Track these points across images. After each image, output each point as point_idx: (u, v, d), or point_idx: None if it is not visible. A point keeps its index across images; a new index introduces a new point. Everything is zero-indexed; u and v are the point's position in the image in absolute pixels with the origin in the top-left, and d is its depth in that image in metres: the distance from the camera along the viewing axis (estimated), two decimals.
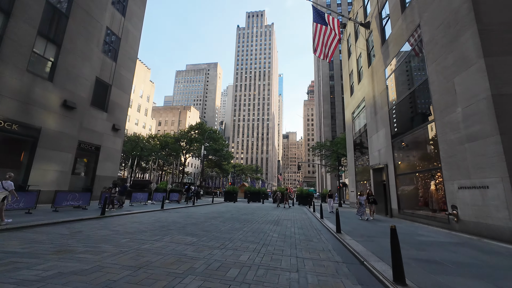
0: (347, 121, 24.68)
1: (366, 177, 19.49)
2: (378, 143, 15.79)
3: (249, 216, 12.03)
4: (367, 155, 18.28)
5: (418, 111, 11.68)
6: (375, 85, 16.48)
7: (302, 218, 12.55)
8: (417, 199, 11.55)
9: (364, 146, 19.81)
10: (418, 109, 11.68)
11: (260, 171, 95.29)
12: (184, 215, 11.03)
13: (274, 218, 11.84)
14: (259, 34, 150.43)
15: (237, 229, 7.78)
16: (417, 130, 11.30)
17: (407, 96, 12.32)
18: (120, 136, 18.56)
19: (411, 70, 12.17)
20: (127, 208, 13.02)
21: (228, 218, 10.56)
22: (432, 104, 9.77)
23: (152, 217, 9.81)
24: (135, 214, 10.85)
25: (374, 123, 16.64)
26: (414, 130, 11.56)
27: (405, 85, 12.71)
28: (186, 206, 16.73)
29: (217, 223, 8.95)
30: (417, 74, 11.56)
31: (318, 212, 15.41)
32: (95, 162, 16.38)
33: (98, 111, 16.45)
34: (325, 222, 10.49)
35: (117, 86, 18.17)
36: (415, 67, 11.84)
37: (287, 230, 8.17)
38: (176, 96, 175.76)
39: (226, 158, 47.68)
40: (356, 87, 21.27)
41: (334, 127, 66.44)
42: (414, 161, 11.82)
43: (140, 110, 68.17)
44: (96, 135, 16.16)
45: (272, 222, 10.16)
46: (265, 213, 13.90)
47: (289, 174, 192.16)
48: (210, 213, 12.77)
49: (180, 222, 8.63)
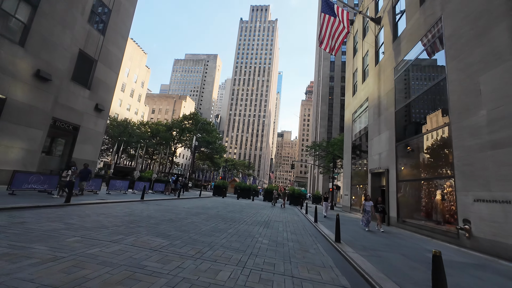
0: (347, 121, 23.77)
1: (362, 181, 18.66)
2: (380, 146, 14.89)
3: (236, 214, 10.92)
4: (366, 158, 17.41)
5: (428, 113, 10.73)
6: (381, 84, 15.51)
7: (294, 220, 11.53)
8: (419, 208, 10.69)
9: (363, 148, 18.94)
10: (428, 112, 10.74)
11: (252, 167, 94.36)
12: (163, 209, 9.82)
13: (264, 218, 10.77)
14: (262, 29, 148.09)
15: (221, 230, 6.65)
16: (426, 134, 10.38)
17: (417, 97, 11.37)
18: (103, 117, 17.04)
19: (425, 69, 11.19)
20: (102, 196, 11.69)
21: (213, 216, 9.41)
22: (448, 106, 8.80)
23: (125, 209, 8.56)
24: (107, 203, 9.56)
25: (376, 124, 15.72)
26: (422, 134, 10.63)
27: (416, 85, 11.75)
28: (170, 198, 15.48)
29: (199, 221, 7.78)
30: (431, 73, 10.58)
31: (311, 214, 14.44)
32: (72, 143, 14.88)
33: (79, 88, 14.90)
34: (320, 227, 9.48)
35: (103, 63, 16.59)
36: (429, 65, 10.87)
37: (278, 234, 7.09)
38: (173, 85, 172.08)
39: (218, 151, 46.34)
40: (360, 86, 20.30)
41: (330, 129, 65.88)
42: (420, 167, 10.92)
43: (133, 95, 65.77)
44: (74, 114, 14.63)
45: (262, 223, 9.08)
46: (254, 212, 12.82)
47: (281, 173, 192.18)
48: (194, 208, 11.59)
49: (156, 218, 7.42)
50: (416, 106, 11.54)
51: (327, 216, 13.29)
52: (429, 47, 10.74)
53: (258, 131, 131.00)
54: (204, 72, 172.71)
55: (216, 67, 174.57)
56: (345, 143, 23.94)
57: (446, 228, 8.65)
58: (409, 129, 12.06)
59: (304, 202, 23.70)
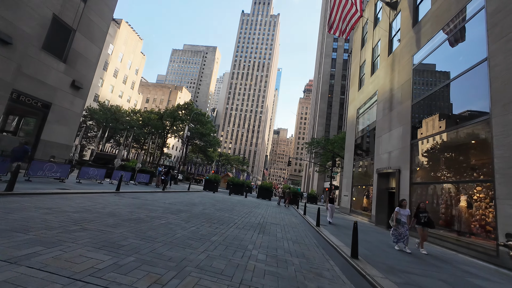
0: (350, 118, 22.28)
1: (366, 182, 17.25)
2: (389, 144, 13.42)
3: (226, 213, 9.27)
4: (372, 157, 15.95)
5: (457, 105, 9.23)
6: (395, 75, 13.97)
7: (293, 223, 9.96)
8: (438, 216, 9.25)
9: (368, 146, 17.48)
10: (457, 104, 9.23)
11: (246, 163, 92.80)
12: (137, 204, 8.10)
13: (259, 219, 9.16)
14: (263, 23, 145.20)
15: (202, 237, 4.99)
16: (452, 130, 8.88)
17: (443, 88, 9.83)
18: (82, 96, 15.06)
19: (454, 54, 9.64)
20: (67, 185, 9.88)
21: (197, 215, 7.74)
22: (489, 96, 7.28)
23: (86, 203, 6.81)
24: (67, 194, 7.78)
25: (386, 120, 14.22)
26: (447, 130, 9.13)
27: (440, 74, 10.21)
28: (153, 191, 13.73)
29: (176, 222, 6.11)
30: (462, 59, 9.04)
31: (310, 216, 12.93)
32: (41, 123, 12.91)
33: (52, 59, 12.89)
34: (324, 233, 7.92)
35: (83, 34, 14.54)
36: (460, 49, 9.32)
37: (277, 245, 5.48)
38: (169, 76, 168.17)
39: (212, 144, 44.46)
40: (368, 79, 18.76)
41: (328, 128, 64.65)
42: (441, 168, 9.44)
43: (127, 82, 63.03)
44: (45, 88, 12.65)
45: (256, 226, 7.46)
46: (247, 211, 11.21)
47: (275, 170, 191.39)
48: (177, 203, 9.89)
49: (119, 216, 5.72)
50: (440, 98, 10.02)
51: (332, 222, 10.97)
52: (460, 30, 9.18)
53: (254, 127, 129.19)
54: (202, 64, 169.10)
55: (215, 60, 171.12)
56: (347, 141, 22.48)
57: (476, 241, 7.20)
58: (429, 125, 10.56)
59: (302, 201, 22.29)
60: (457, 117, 8.98)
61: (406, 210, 7.13)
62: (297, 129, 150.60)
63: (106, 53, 54.09)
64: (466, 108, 8.64)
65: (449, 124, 9.26)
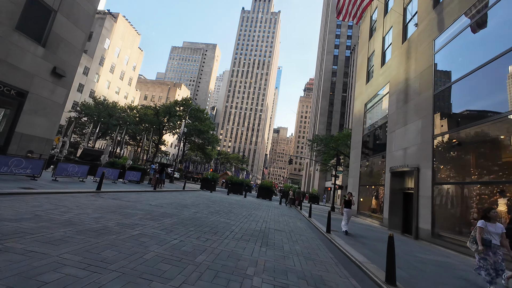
0: (357, 113, 20.91)
1: (375, 181, 15.93)
2: (405, 140, 12.07)
3: (221, 217, 7.91)
4: (383, 154, 14.62)
5: (492, 93, 7.87)
6: (411, 64, 12.61)
7: (299, 228, 8.62)
8: (468, 221, 7.91)
9: (378, 143, 16.13)
10: (492, 91, 7.86)
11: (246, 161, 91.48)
12: (114, 206, 6.73)
13: (260, 225, 7.81)
14: (263, 21, 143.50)
15: (184, 257, 3.63)
16: (489, 121, 7.53)
17: (475, 72, 8.45)
18: (65, 86, 13.64)
19: (490, 33, 8.27)
20: (38, 183, 8.52)
21: (184, 221, 6.37)
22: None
23: (45, 206, 5.45)
24: (28, 196, 6.41)
25: (401, 114, 12.87)
26: (483, 121, 7.78)
27: (472, 57, 8.83)
28: (142, 190, 12.37)
29: (153, 233, 4.74)
30: (502, 37, 7.66)
31: (316, 218, 11.60)
32: (15, 113, 11.51)
33: (28, 41, 11.47)
34: (339, 243, 6.56)
35: (66, 16, 13.12)
36: (498, 27, 7.94)
37: (286, 264, 4.13)
38: (169, 73, 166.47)
39: (211, 142, 43.04)
40: (377, 71, 17.38)
41: (329, 126, 63.31)
42: (473, 166, 8.10)
43: (124, 78, 61.58)
44: (20, 74, 11.24)
45: (257, 235, 6.11)
46: (246, 214, 9.86)
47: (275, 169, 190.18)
48: (164, 205, 8.53)
49: (79, 224, 4.36)
50: (471, 85, 8.64)
51: (346, 230, 8.52)
52: None
53: (254, 125, 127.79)
54: (202, 62, 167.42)
55: (215, 57, 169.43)
56: (353, 138, 21.13)
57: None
58: (455, 117, 9.21)
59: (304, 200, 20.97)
60: (493, 107, 7.62)
61: (498, 225, 4.18)
62: (297, 128, 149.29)
63: (102, 48, 52.57)
64: (505, 96, 7.27)
65: (483, 115, 7.90)
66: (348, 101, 61.65)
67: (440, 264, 5.83)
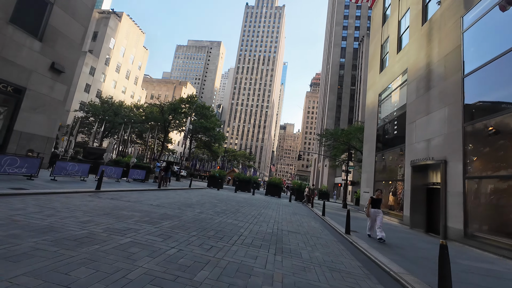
0: (370, 105, 19.74)
1: (392, 177, 14.90)
2: (428, 130, 10.99)
3: (228, 218, 7.17)
4: (400, 147, 13.55)
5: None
6: (433, 47, 11.44)
7: (314, 229, 7.79)
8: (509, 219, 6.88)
9: (394, 136, 15.03)
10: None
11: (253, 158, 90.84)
12: (110, 207, 6.08)
13: (271, 226, 7.03)
14: (268, 16, 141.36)
15: (181, 274, 2.88)
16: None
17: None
18: (65, 82, 13.16)
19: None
20: (35, 183, 8.00)
21: (187, 223, 5.65)
22: None
23: (28, 209, 4.84)
24: (16, 197, 5.83)
25: (422, 102, 11.77)
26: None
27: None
28: (145, 189, 11.79)
29: (147, 239, 4.01)
30: None
31: (330, 217, 10.73)
32: (13, 111, 11.08)
33: (24, 35, 10.97)
34: (364, 247, 5.70)
35: (63, 8, 12.57)
36: None
37: (308, 278, 3.34)
38: (174, 72, 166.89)
39: (217, 139, 42.47)
40: (393, 58, 16.17)
41: (338, 120, 61.67)
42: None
43: (129, 77, 61.68)
44: (16, 70, 10.77)
45: (269, 239, 5.33)
46: (256, 213, 9.10)
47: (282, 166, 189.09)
48: (166, 205, 7.86)
49: (60, 230, 3.70)
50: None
51: (382, 237, 6.57)
52: None
53: (260, 122, 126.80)
54: (207, 60, 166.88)
55: (220, 55, 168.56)
56: (366, 131, 20.00)
57: None
58: (491, 101, 8.11)
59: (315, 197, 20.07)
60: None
61: None
62: (304, 124, 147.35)
63: (107, 47, 52.62)
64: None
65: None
66: (357, 95, 59.80)
67: (489, 273, 4.89)
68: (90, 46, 51.89)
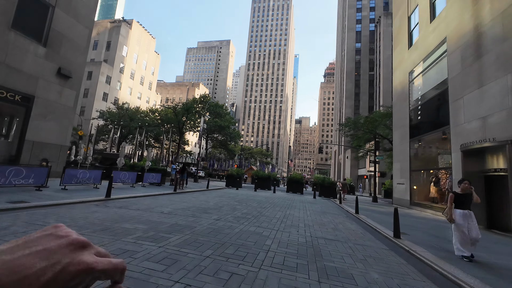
0: (398, 86, 17.64)
1: (433, 164, 13.03)
2: (482, 106, 9.10)
3: (251, 225, 6.06)
4: (443, 130, 11.66)
5: None
6: (483, 4, 9.45)
7: (354, 233, 6.46)
8: None
9: (434, 117, 13.07)
10: None
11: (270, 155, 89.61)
12: (115, 218, 5.23)
13: (302, 233, 5.83)
14: (275, 8, 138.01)
15: None
16: None
17: None
18: (73, 87, 12.80)
19: None
20: (43, 194, 7.45)
21: (201, 235, 4.62)
22: None
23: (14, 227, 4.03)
24: (13, 211, 5.15)
25: (471, 73, 9.83)
26: None
27: None
28: (160, 193, 11.07)
29: (142, 269, 2.98)
30: None
31: (365, 214, 9.27)
32: (23, 120, 10.81)
33: (28, 41, 10.60)
34: (439, 265, 4.31)
35: (65, 11, 12.12)
36: None
37: None
38: (187, 75, 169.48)
39: (233, 137, 41.77)
40: (425, 28, 14.07)
41: (357, 109, 58.36)
42: None
43: (144, 83, 62.89)
44: (22, 78, 10.44)
45: (304, 253, 4.16)
46: (281, 216, 7.94)
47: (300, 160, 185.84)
48: (180, 211, 6.93)
49: None
50: None
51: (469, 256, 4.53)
52: None
53: (275, 118, 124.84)
54: (218, 59, 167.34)
55: (230, 53, 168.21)
56: (395, 116, 17.96)
57: None
58: None
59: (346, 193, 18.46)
60: None
61: None
62: (321, 116, 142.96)
63: (120, 55, 53.80)
64: None
65: None
66: (376, 80, 56.09)
67: None
68: (105, 55, 53.39)
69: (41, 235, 0.33)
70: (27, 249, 0.30)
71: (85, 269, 0.31)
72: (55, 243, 0.32)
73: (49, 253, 0.30)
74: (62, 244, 0.32)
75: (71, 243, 0.33)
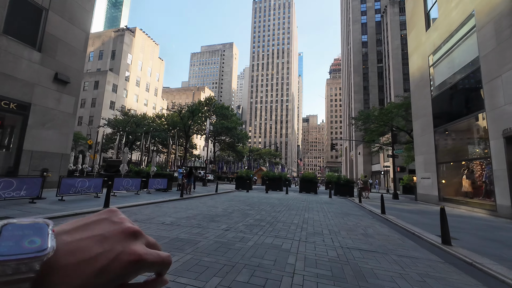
0: (416, 72, 16.27)
1: (463, 155, 11.73)
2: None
3: (267, 236, 5.11)
4: (475, 116, 10.34)
5: None
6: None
7: (389, 239, 5.38)
8: None
9: (462, 102, 11.72)
10: None
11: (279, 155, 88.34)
12: None
13: (329, 243, 4.83)
14: (277, 7, 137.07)
15: None
16: None
17: None
18: (71, 93, 12.27)
19: None
20: (37, 207, 6.78)
21: (205, 252, 3.72)
22: None
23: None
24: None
25: (510, 47, 8.52)
26: None
27: None
28: (163, 200, 10.29)
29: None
30: None
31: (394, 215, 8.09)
32: (20, 129, 10.29)
33: (21, 46, 10.10)
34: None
35: (60, 14, 11.61)
36: None
37: None
38: (192, 80, 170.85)
39: (240, 138, 40.97)
40: (446, 5, 12.76)
41: (367, 102, 56.40)
42: None
43: (149, 89, 63.26)
44: (17, 85, 9.93)
45: (339, 275, 3.18)
46: (299, 221, 6.93)
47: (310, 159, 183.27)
48: (184, 221, 6.06)
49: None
50: None
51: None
52: None
53: (282, 117, 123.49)
54: (221, 63, 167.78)
55: (233, 56, 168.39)
56: (414, 105, 16.58)
57: None
58: None
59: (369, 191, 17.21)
60: None
61: None
62: (328, 113, 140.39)
63: (125, 63, 54.24)
64: None
65: None
66: (385, 72, 54.03)
67: None
68: (110, 64, 53.97)
69: (97, 219, 0.32)
70: (85, 231, 0.30)
71: (136, 260, 0.29)
72: (110, 229, 0.31)
73: (104, 239, 0.30)
74: (116, 230, 0.31)
75: (124, 230, 0.32)
